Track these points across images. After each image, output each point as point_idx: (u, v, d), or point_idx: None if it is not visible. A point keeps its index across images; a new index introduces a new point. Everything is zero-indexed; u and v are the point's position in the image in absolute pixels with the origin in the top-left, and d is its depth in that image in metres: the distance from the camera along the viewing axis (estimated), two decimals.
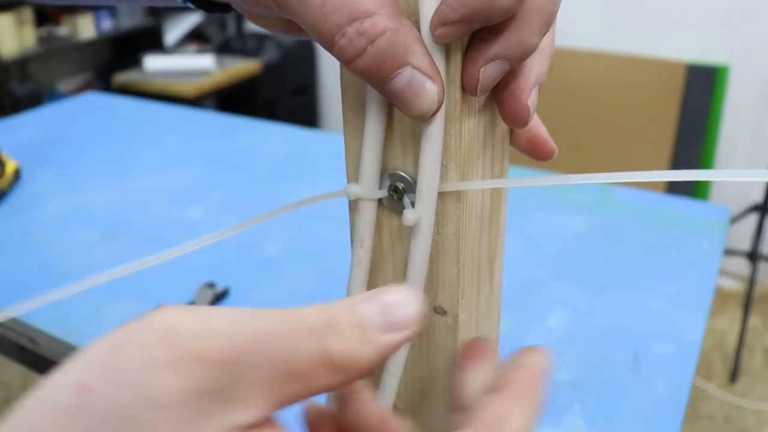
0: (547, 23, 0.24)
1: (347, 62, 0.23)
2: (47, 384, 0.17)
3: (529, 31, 0.24)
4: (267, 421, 0.19)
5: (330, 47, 0.23)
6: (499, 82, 0.25)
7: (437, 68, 0.24)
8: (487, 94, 0.27)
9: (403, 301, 0.21)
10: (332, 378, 0.20)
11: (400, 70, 0.23)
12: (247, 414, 0.18)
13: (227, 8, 0.30)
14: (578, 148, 2.10)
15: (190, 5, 0.30)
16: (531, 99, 0.26)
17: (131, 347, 0.18)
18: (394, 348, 0.21)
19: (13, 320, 0.77)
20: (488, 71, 0.24)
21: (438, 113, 0.24)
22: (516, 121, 0.27)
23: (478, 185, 0.27)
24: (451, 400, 0.27)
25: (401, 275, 0.30)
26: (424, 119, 0.24)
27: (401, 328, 0.21)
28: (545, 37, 0.25)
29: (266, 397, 0.19)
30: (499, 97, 0.27)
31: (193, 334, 0.18)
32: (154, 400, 0.17)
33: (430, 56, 0.23)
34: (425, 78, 0.23)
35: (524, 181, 0.26)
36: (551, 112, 1.93)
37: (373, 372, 0.21)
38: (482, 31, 0.23)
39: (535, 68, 0.26)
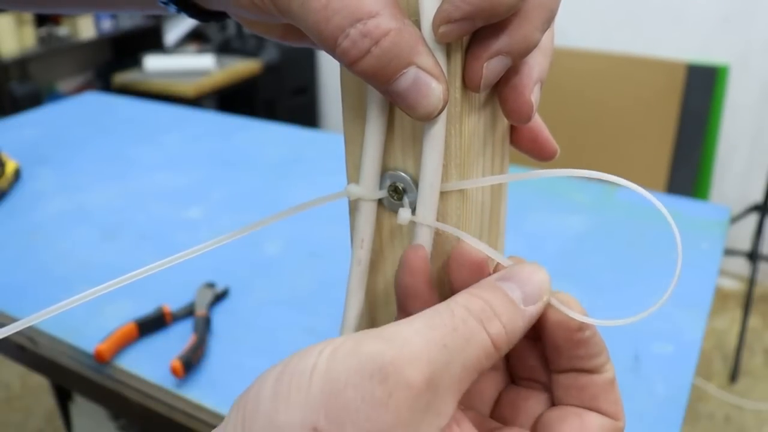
0: (549, 19, 0.24)
1: (350, 64, 0.23)
2: (276, 424, 0.20)
3: (531, 26, 0.24)
4: (455, 415, 0.22)
5: (332, 50, 0.23)
6: (501, 79, 0.25)
7: (441, 67, 0.24)
8: (487, 92, 0.27)
9: (534, 274, 0.24)
10: (494, 356, 0.23)
11: (404, 71, 0.23)
12: (447, 416, 0.21)
13: (222, 16, 0.30)
14: (578, 148, 2.10)
15: (185, 14, 0.29)
16: (534, 95, 0.26)
17: (351, 389, 0.20)
18: (536, 318, 0.24)
19: (13, 320, 0.77)
20: (491, 67, 0.24)
21: (441, 113, 0.24)
22: (519, 117, 0.27)
23: (475, 183, 0.27)
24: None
25: None
26: (429, 119, 0.24)
27: (538, 299, 0.24)
28: (546, 35, 0.25)
29: (455, 397, 0.22)
30: (501, 94, 0.27)
31: (398, 365, 0.20)
32: (380, 431, 0.20)
33: (434, 56, 0.23)
34: (430, 78, 0.23)
35: (515, 176, 0.26)
36: (551, 112, 1.93)
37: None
38: (484, 27, 0.23)
39: (537, 65, 0.26)
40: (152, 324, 0.73)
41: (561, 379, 0.26)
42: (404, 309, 0.27)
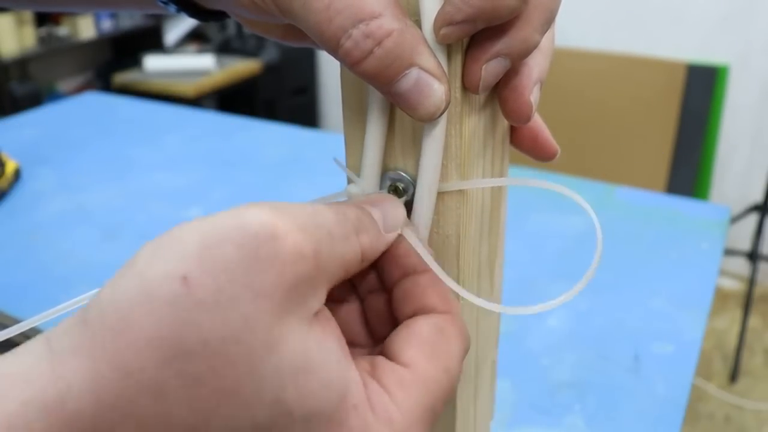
0: (549, 20, 0.24)
1: (353, 65, 0.23)
2: (146, 276, 0.19)
3: (531, 28, 0.24)
4: (323, 309, 0.22)
5: (334, 50, 0.23)
6: (500, 80, 0.25)
7: (443, 68, 0.24)
8: (487, 93, 0.27)
9: (393, 207, 0.26)
10: (359, 266, 0.23)
11: (406, 72, 0.23)
12: (319, 302, 0.21)
13: (222, 16, 0.30)
14: (578, 149, 2.10)
15: (185, 13, 0.29)
16: (533, 95, 0.26)
17: (231, 244, 0.19)
18: (388, 246, 0.25)
19: (14, 320, 0.77)
20: (490, 68, 0.24)
21: (443, 114, 0.24)
22: (519, 117, 0.27)
23: (473, 184, 0.27)
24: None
25: None
26: (430, 120, 0.24)
27: (394, 229, 0.25)
28: (546, 35, 0.25)
29: (328, 286, 0.22)
30: (501, 95, 0.27)
31: (287, 230, 0.20)
32: (256, 291, 0.19)
33: (436, 56, 0.23)
34: (432, 78, 0.23)
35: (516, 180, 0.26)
36: (551, 112, 1.93)
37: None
38: (484, 29, 0.23)
39: (537, 66, 0.26)
40: None
41: (395, 295, 0.26)
42: None
